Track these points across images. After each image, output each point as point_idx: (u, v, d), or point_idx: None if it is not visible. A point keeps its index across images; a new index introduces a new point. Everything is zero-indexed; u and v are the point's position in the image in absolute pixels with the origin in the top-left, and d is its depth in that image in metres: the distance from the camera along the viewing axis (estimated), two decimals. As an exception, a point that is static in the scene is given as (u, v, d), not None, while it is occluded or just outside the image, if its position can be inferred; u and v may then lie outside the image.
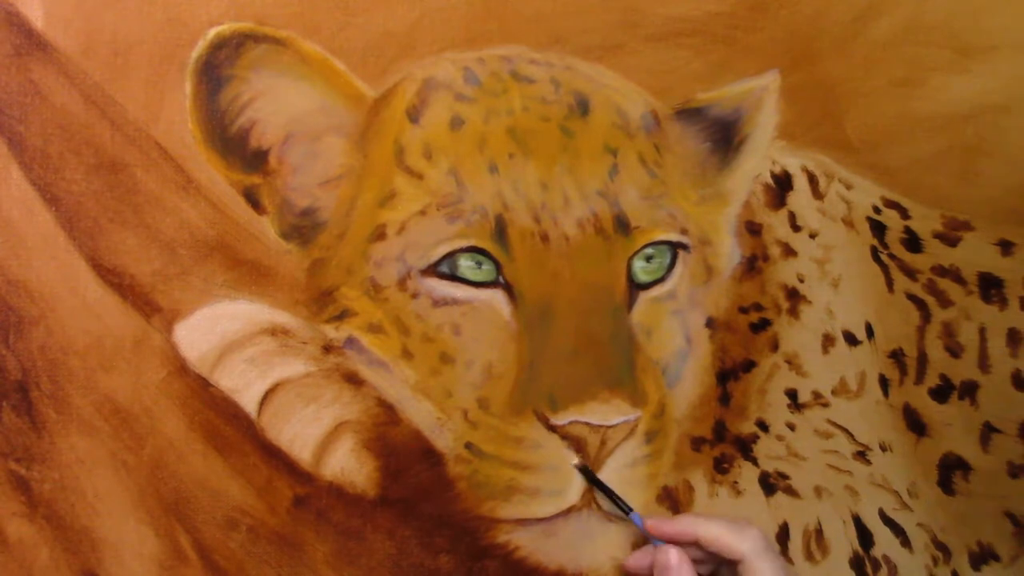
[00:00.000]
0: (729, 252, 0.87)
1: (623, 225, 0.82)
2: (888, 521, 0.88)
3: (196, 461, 0.76)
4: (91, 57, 0.75)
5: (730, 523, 0.78)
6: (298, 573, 0.77)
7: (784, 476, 0.87)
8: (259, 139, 0.78)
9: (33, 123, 0.74)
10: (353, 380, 0.79)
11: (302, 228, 0.79)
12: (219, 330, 0.77)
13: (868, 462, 0.88)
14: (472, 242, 0.79)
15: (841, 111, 0.89)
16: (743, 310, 0.88)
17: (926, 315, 0.90)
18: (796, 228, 0.88)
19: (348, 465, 0.79)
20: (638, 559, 0.80)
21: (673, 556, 0.77)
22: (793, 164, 0.89)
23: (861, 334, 0.89)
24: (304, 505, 0.78)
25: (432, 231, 0.79)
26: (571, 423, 0.79)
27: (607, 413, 0.80)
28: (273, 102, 0.78)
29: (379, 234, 0.79)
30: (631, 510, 0.80)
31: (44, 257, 0.74)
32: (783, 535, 0.86)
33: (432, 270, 0.79)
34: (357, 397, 0.79)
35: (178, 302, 0.77)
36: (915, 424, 0.90)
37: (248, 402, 0.78)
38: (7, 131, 0.74)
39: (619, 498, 0.80)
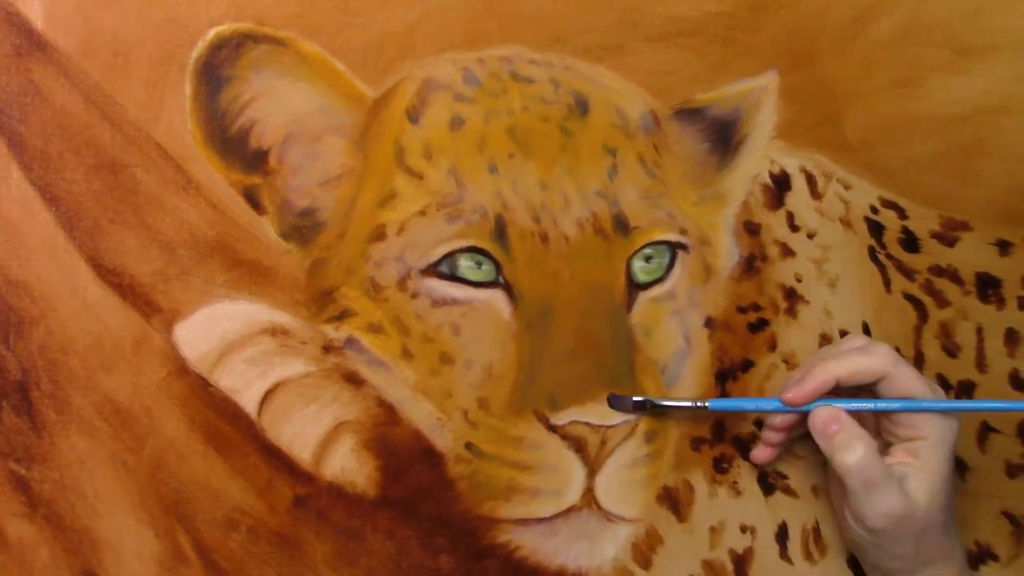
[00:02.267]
0: (728, 252, 0.87)
1: (622, 225, 0.82)
2: (886, 520, 0.88)
3: (196, 461, 0.76)
4: (91, 57, 0.75)
5: (855, 350, 0.80)
6: (298, 573, 0.77)
7: (782, 475, 0.87)
8: (259, 139, 0.78)
9: (33, 123, 0.74)
10: (353, 380, 0.79)
11: (302, 228, 0.79)
12: (219, 330, 0.77)
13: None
14: (472, 242, 0.79)
15: (840, 111, 0.89)
16: (741, 310, 0.88)
17: (923, 315, 0.91)
18: (794, 228, 0.89)
19: (348, 465, 0.79)
20: (771, 434, 0.84)
21: (827, 412, 0.78)
22: (791, 164, 0.89)
23: (859, 334, 0.89)
24: (304, 505, 0.78)
25: (432, 231, 0.79)
26: (571, 423, 0.80)
27: (607, 413, 0.81)
28: (273, 102, 0.78)
29: (379, 234, 0.79)
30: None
31: (44, 257, 0.74)
32: (782, 535, 0.86)
33: (432, 270, 0.79)
34: (357, 397, 0.79)
35: (178, 302, 0.77)
36: (913, 424, 0.90)
37: (248, 402, 0.78)
38: (7, 131, 0.74)
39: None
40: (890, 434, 0.80)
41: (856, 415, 0.79)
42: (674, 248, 0.84)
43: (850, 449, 0.76)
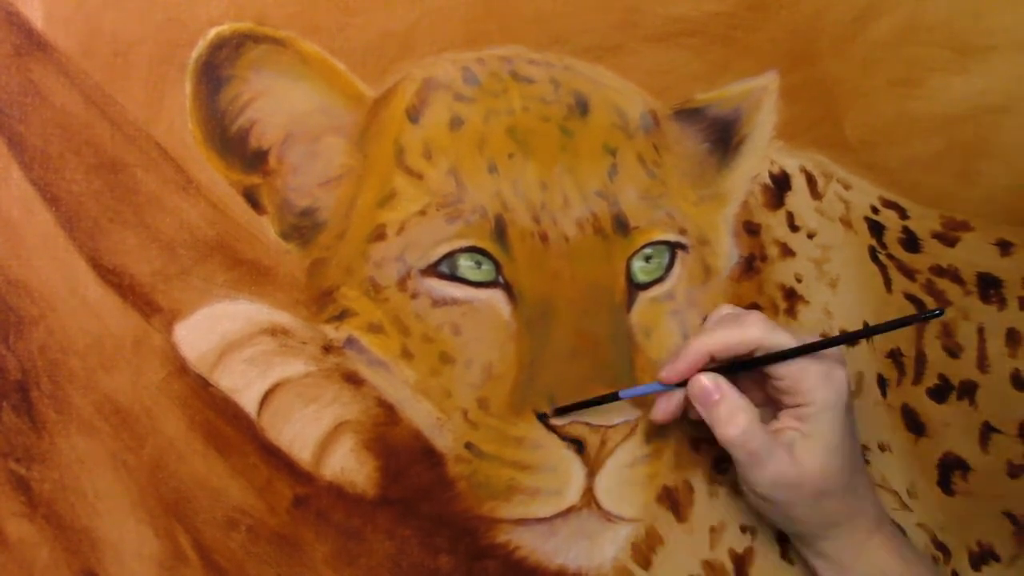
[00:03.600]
0: (727, 252, 0.87)
1: (622, 225, 0.82)
2: (887, 521, 0.88)
3: (196, 461, 0.76)
4: (91, 57, 0.75)
5: (728, 321, 0.79)
6: (298, 573, 0.77)
7: (783, 476, 0.87)
8: (259, 139, 0.78)
9: (33, 123, 0.74)
10: (353, 380, 0.79)
11: (302, 228, 0.79)
12: (219, 330, 0.77)
13: (867, 462, 0.88)
14: (472, 242, 0.79)
15: (840, 111, 0.89)
16: (742, 310, 0.87)
17: (925, 315, 0.91)
18: (794, 228, 0.89)
19: (348, 465, 0.79)
20: (663, 406, 0.80)
21: (705, 380, 0.77)
22: (791, 164, 0.89)
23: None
24: (304, 505, 0.78)
25: (432, 231, 0.79)
26: (571, 423, 0.80)
27: (607, 413, 0.81)
28: (273, 102, 0.78)
29: (379, 234, 0.79)
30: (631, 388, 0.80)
31: (44, 257, 0.74)
32: (783, 535, 0.86)
33: (432, 270, 0.79)
34: (357, 397, 0.79)
35: (178, 302, 0.76)
36: (914, 424, 0.90)
37: (248, 402, 0.78)
38: (7, 131, 0.74)
39: (603, 397, 0.80)
40: (778, 401, 0.79)
41: (744, 386, 0.78)
42: (673, 248, 0.85)
43: (732, 422, 0.75)
